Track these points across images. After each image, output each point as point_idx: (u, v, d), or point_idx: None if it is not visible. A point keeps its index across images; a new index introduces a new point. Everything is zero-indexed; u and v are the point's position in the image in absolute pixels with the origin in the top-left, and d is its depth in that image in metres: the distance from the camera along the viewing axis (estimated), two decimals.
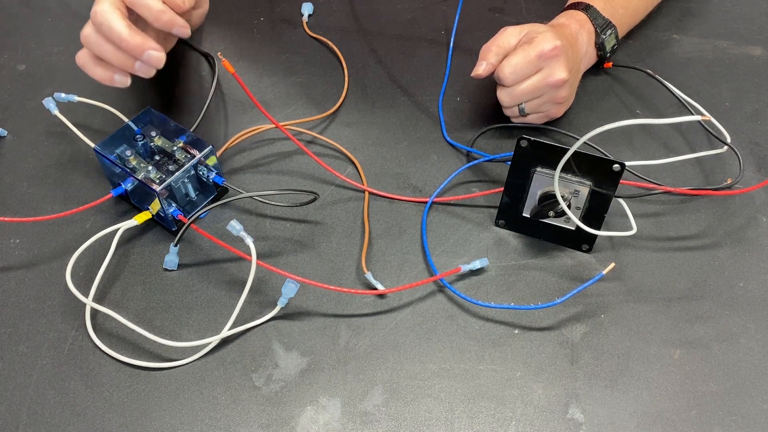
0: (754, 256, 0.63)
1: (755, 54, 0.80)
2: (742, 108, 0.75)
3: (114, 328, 0.58)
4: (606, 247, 0.63)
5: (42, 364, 0.56)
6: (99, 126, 0.72)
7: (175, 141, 0.64)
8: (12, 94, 0.76)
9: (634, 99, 0.75)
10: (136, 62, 0.57)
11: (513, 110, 0.69)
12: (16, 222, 0.64)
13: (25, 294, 0.60)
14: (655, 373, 0.56)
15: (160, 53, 0.57)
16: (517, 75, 0.65)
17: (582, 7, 0.72)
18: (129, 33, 0.55)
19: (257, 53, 0.80)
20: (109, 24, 0.55)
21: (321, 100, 0.75)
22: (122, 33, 0.55)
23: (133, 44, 0.55)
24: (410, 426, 0.53)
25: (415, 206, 0.67)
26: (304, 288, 0.60)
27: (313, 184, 0.68)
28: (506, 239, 0.64)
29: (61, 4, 0.86)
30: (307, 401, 0.54)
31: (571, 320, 0.59)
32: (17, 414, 0.53)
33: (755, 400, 0.54)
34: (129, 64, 0.57)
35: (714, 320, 0.59)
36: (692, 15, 0.85)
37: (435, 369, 0.56)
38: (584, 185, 0.58)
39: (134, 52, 0.56)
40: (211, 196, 0.66)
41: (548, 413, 0.54)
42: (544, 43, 0.64)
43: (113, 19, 0.55)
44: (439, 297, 0.60)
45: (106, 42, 0.56)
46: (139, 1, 0.56)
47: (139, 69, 0.57)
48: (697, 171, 0.69)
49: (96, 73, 0.58)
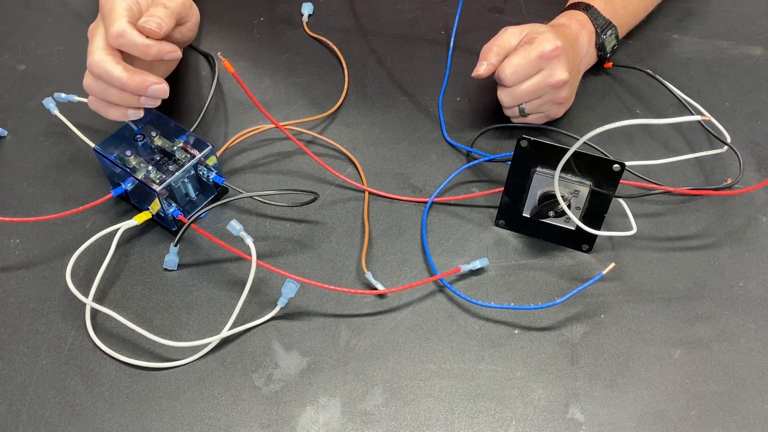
0: (754, 256, 0.63)
1: (755, 54, 0.80)
2: (742, 108, 0.75)
3: (114, 328, 0.58)
4: (606, 247, 0.63)
5: (42, 364, 0.56)
6: (99, 126, 0.72)
7: (175, 141, 0.64)
8: (12, 94, 0.76)
9: (634, 99, 0.75)
10: (141, 98, 0.59)
11: (513, 110, 0.69)
12: (16, 222, 0.64)
13: (25, 294, 0.60)
14: (655, 373, 0.56)
15: (161, 85, 0.59)
16: (517, 75, 0.65)
17: (582, 7, 0.72)
18: (128, 76, 0.57)
19: (257, 53, 0.80)
20: (107, 72, 0.57)
21: (321, 100, 0.75)
22: (122, 78, 0.57)
23: (135, 85, 0.58)
24: (410, 426, 0.53)
25: (415, 206, 0.67)
26: (304, 288, 0.60)
27: (313, 184, 0.68)
28: (506, 239, 0.64)
29: (61, 4, 0.86)
30: (307, 401, 0.54)
31: (571, 320, 0.59)
32: (17, 414, 0.53)
33: (755, 400, 0.54)
34: (135, 101, 0.59)
35: (714, 320, 0.59)
36: (692, 15, 0.85)
37: (435, 369, 0.56)
38: (584, 185, 0.58)
39: (137, 91, 0.58)
40: (211, 196, 0.66)
41: (548, 413, 0.54)
42: (544, 44, 0.64)
43: (110, 66, 0.57)
44: (439, 297, 0.60)
45: (109, 87, 0.58)
46: (125, 44, 0.58)
47: (146, 102, 0.60)
48: (697, 171, 0.69)
49: (110, 114, 0.61)
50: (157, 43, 0.59)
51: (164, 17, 0.59)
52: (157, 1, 0.61)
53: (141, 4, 0.60)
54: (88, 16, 0.85)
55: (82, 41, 0.82)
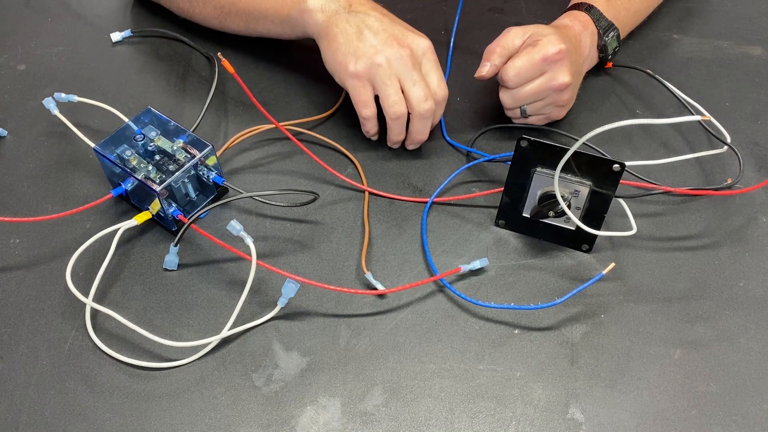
0: (754, 256, 0.63)
1: (755, 54, 0.80)
2: (742, 108, 0.75)
3: (114, 328, 0.58)
4: (606, 247, 0.63)
5: (42, 364, 0.56)
6: (99, 126, 0.72)
7: (175, 141, 0.63)
8: (12, 94, 0.76)
9: (634, 99, 0.75)
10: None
11: (515, 112, 0.69)
12: (16, 222, 0.64)
13: (25, 294, 0.60)
14: (655, 373, 0.56)
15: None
16: (520, 78, 0.65)
17: (585, 8, 0.72)
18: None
19: (257, 53, 0.80)
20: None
21: (321, 100, 0.75)
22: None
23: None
24: (410, 426, 0.53)
25: (415, 206, 0.67)
26: (304, 288, 0.60)
27: (313, 184, 0.68)
28: (506, 239, 0.64)
29: (61, 4, 0.86)
30: (307, 401, 0.54)
31: (571, 320, 0.59)
32: (17, 414, 0.53)
33: (755, 400, 0.54)
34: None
35: (714, 320, 0.59)
36: (692, 15, 0.85)
37: (435, 369, 0.56)
38: (584, 185, 0.58)
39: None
40: (211, 196, 0.66)
41: (548, 413, 0.54)
42: (548, 47, 0.64)
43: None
44: (439, 297, 0.60)
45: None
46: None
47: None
48: (697, 171, 0.69)
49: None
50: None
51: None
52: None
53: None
54: (88, 16, 0.85)
55: (82, 41, 0.82)
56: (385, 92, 0.64)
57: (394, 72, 0.63)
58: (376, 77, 0.63)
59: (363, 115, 0.67)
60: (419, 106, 0.64)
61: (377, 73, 0.63)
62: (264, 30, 0.74)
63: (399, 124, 0.66)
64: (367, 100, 0.65)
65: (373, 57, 0.63)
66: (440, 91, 0.65)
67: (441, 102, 0.66)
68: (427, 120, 0.66)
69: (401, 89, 0.64)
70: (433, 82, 0.65)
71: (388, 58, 0.63)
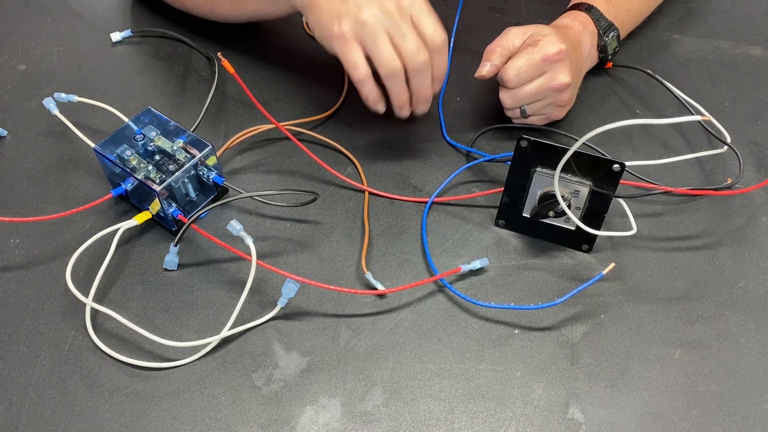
0: (754, 256, 0.63)
1: (755, 54, 0.80)
2: (742, 108, 0.75)
3: (114, 328, 0.58)
4: (606, 247, 0.63)
5: (42, 364, 0.56)
6: (99, 126, 0.72)
7: (175, 141, 0.64)
8: (12, 94, 0.76)
9: (634, 99, 0.76)
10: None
11: (515, 112, 0.69)
12: (16, 222, 0.64)
13: (25, 294, 0.60)
14: (655, 373, 0.56)
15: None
16: (520, 78, 0.65)
17: (585, 7, 0.72)
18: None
19: (257, 53, 0.80)
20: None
21: (321, 100, 0.75)
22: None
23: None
24: (410, 426, 0.53)
25: (415, 206, 0.67)
26: (304, 288, 0.60)
27: (313, 184, 0.68)
28: (506, 239, 0.64)
29: (61, 4, 0.86)
30: (307, 401, 0.54)
31: (571, 320, 0.59)
32: (17, 414, 0.53)
33: (755, 400, 0.54)
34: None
35: (714, 320, 0.59)
36: (692, 15, 0.85)
37: (435, 369, 0.56)
38: (584, 185, 0.58)
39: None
40: (211, 196, 0.66)
41: (548, 413, 0.54)
42: (548, 47, 0.64)
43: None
44: (439, 297, 0.60)
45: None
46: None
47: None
48: (697, 171, 0.69)
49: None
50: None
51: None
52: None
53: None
54: (88, 16, 0.85)
55: (82, 41, 0.82)
56: (375, 50, 0.60)
57: (381, 27, 0.59)
58: (364, 36, 0.59)
59: (354, 78, 0.62)
60: (413, 60, 0.60)
61: (364, 31, 0.59)
62: (250, 10, 0.74)
63: (396, 83, 0.62)
64: (357, 60, 0.60)
65: (357, 15, 0.59)
66: (437, 37, 0.61)
67: (439, 48, 0.61)
68: (425, 73, 0.62)
69: (392, 45, 0.60)
70: (427, 30, 0.60)
71: (373, 14, 0.59)
